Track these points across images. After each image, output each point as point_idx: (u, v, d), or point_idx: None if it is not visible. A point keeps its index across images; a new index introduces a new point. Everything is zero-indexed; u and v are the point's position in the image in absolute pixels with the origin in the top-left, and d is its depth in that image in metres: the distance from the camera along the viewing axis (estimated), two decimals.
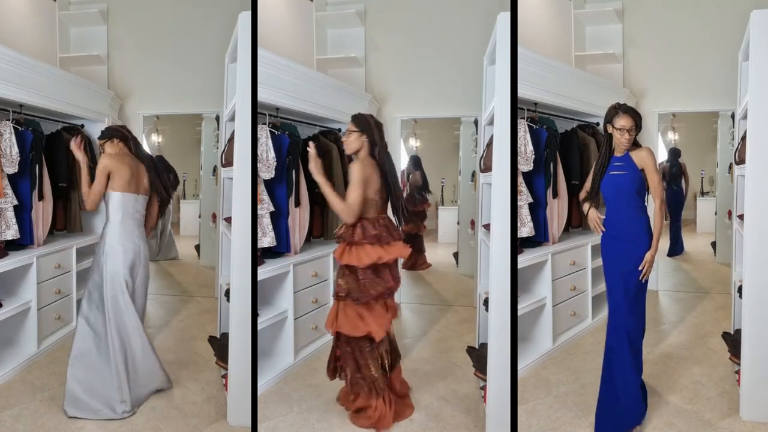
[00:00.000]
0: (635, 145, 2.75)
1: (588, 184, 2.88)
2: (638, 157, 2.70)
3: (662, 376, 3.31)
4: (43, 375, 3.46)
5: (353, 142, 2.83)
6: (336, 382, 3.03)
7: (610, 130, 2.72)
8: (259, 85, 2.83)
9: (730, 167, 5.38)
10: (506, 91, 2.64)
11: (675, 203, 5.97)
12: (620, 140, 2.69)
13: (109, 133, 3.13)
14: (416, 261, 5.32)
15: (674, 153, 5.90)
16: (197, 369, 3.51)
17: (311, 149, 2.80)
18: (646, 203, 2.79)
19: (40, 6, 4.57)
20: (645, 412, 2.87)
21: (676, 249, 5.95)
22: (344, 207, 2.76)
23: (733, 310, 3.55)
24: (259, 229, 3.41)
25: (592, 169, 2.84)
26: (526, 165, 3.67)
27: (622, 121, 2.67)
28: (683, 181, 5.99)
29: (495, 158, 2.73)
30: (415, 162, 5.31)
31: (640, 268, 2.68)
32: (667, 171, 5.86)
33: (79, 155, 3.12)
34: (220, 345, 3.45)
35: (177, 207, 5.59)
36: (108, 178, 3.02)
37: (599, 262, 4.14)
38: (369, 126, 2.84)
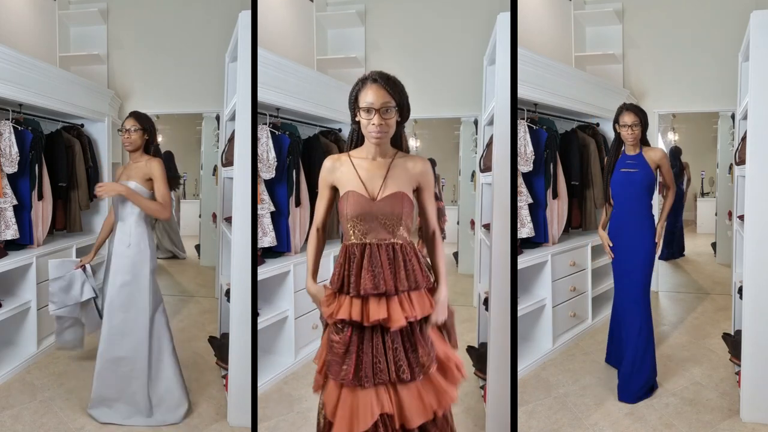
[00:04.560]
0: (646, 145, 2.98)
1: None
2: (653, 154, 2.95)
3: (662, 377, 3.30)
4: (42, 375, 3.46)
5: None
6: None
7: (617, 129, 2.95)
8: (259, 85, 2.82)
9: (731, 168, 5.37)
10: (506, 91, 2.64)
11: (677, 203, 5.95)
12: (626, 136, 2.92)
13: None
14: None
15: (674, 153, 5.89)
16: (197, 369, 3.51)
17: None
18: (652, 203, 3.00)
19: (39, 5, 4.56)
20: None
21: (674, 252, 5.91)
22: None
23: (734, 311, 3.54)
24: (259, 229, 3.41)
25: (604, 168, 3.04)
26: (525, 166, 3.67)
27: (626, 118, 2.91)
28: (685, 180, 5.97)
29: (495, 158, 2.73)
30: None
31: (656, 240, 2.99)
32: None
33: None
34: (220, 345, 3.44)
35: (177, 207, 5.59)
36: None
37: (599, 263, 4.16)
38: None
